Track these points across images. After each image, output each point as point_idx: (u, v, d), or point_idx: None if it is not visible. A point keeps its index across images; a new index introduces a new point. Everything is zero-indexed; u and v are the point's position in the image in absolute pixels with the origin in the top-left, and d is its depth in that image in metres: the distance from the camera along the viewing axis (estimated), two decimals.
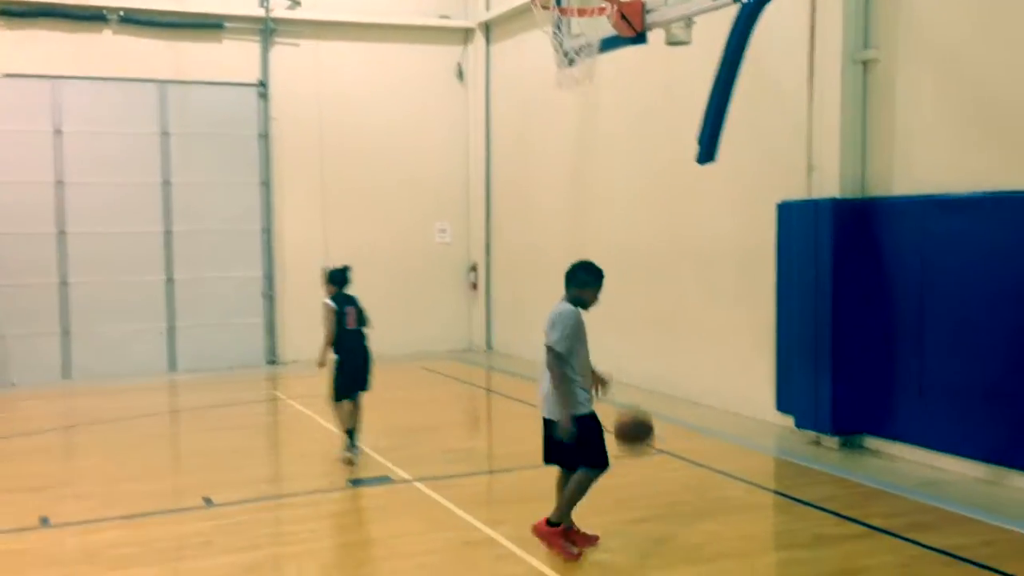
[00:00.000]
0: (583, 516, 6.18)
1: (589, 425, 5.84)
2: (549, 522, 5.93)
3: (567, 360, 5.79)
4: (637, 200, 12.25)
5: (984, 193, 7.58)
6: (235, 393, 12.37)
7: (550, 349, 5.77)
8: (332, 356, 8.59)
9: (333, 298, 8.63)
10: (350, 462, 8.29)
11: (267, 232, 15.14)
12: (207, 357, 14.55)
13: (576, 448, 5.80)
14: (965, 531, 6.35)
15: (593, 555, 5.92)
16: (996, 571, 5.59)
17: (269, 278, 15.18)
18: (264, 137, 15.08)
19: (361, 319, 8.81)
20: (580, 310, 5.93)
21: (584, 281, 5.97)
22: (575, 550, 5.86)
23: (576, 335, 5.83)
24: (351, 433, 8.53)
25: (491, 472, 8.54)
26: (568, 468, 6.00)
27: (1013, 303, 7.34)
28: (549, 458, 6.07)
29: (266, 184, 15.12)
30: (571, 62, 8.09)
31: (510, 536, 6.32)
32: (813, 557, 5.96)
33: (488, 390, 13.24)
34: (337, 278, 8.77)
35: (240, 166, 14.97)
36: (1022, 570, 5.58)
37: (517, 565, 5.81)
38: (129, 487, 7.68)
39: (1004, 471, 7.45)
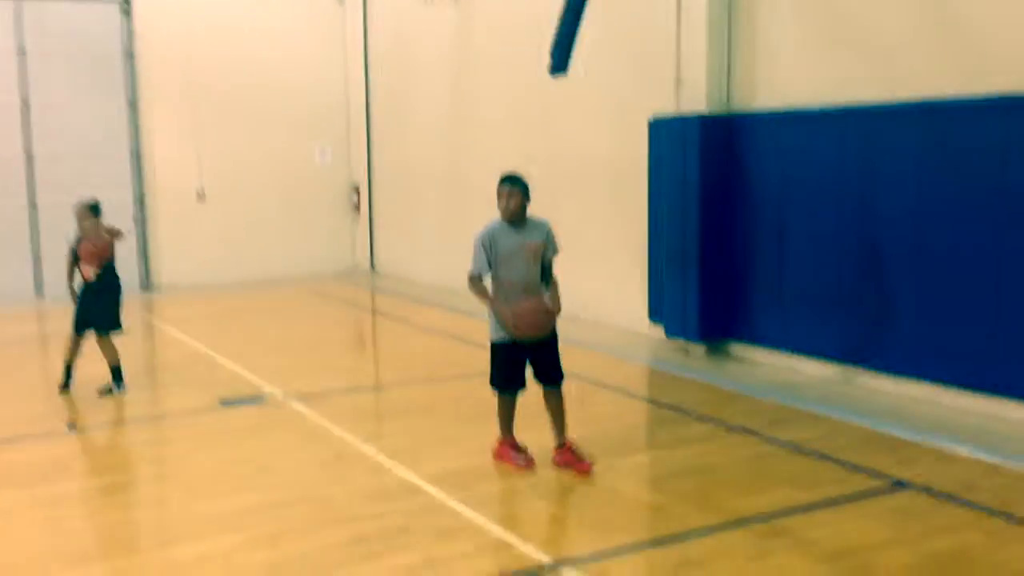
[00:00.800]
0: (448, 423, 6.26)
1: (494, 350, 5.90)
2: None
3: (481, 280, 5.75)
4: (513, 116, 12.23)
5: (836, 107, 7.84)
6: None
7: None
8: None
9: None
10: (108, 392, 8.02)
11: (136, 155, 14.58)
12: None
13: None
14: (813, 426, 6.72)
15: (458, 463, 6.03)
16: (836, 460, 5.95)
17: (140, 202, 14.66)
18: (129, 56, 14.40)
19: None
20: (506, 223, 5.78)
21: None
22: (520, 460, 5.93)
23: (484, 253, 5.72)
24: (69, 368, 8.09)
25: (368, 390, 8.57)
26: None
27: (860, 212, 7.68)
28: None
29: (133, 104, 14.49)
30: None
31: (384, 449, 6.38)
32: (670, 457, 6.22)
33: (371, 311, 13.21)
34: (98, 212, 8.07)
35: (105, 86, 14.28)
36: (860, 459, 5.94)
37: (388, 475, 5.88)
38: None
39: (854, 370, 7.88)
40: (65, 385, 8.09)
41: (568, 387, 6.05)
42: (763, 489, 5.48)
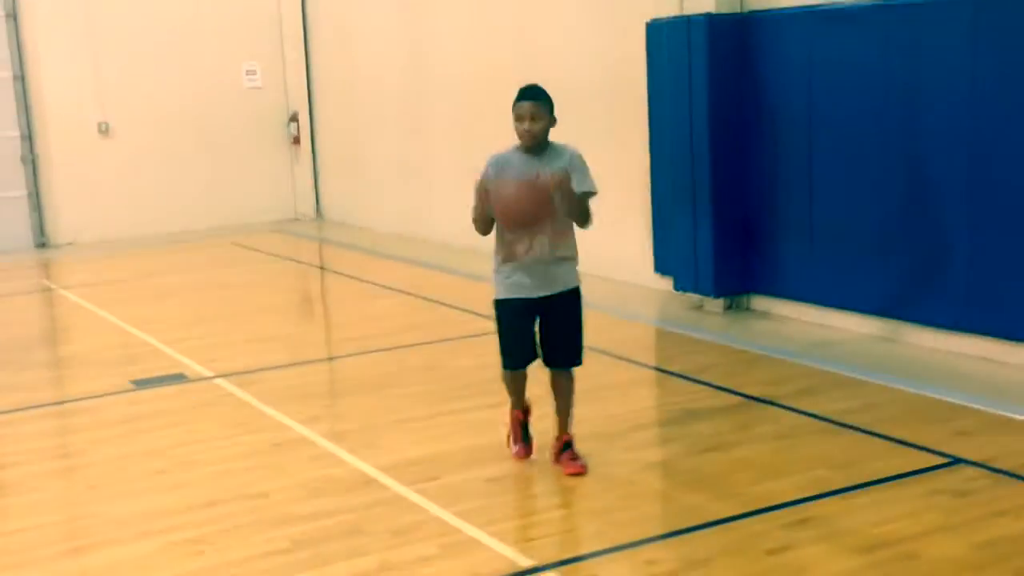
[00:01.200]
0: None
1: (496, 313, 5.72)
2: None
3: None
4: (481, 24, 12.21)
5: (873, 2, 7.82)
6: None
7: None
8: None
9: None
10: None
11: (20, 80, 14.53)
12: None
13: None
14: (850, 395, 6.78)
15: (419, 450, 6.09)
16: (875, 434, 6.03)
17: (29, 139, 14.66)
18: None
19: None
20: (522, 150, 5.52)
21: None
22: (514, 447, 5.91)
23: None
24: None
25: (312, 363, 8.61)
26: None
27: (905, 134, 7.70)
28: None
29: (12, 16, 14.42)
30: None
31: (327, 433, 6.45)
32: (680, 435, 6.28)
33: (318, 267, 13.23)
34: None
35: None
36: (902, 432, 6.01)
37: (336, 466, 5.93)
38: None
39: (900, 325, 7.96)
40: None
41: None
42: (790, 471, 5.55)
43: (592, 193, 5.50)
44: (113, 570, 4.79)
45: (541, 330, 5.65)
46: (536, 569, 4.60)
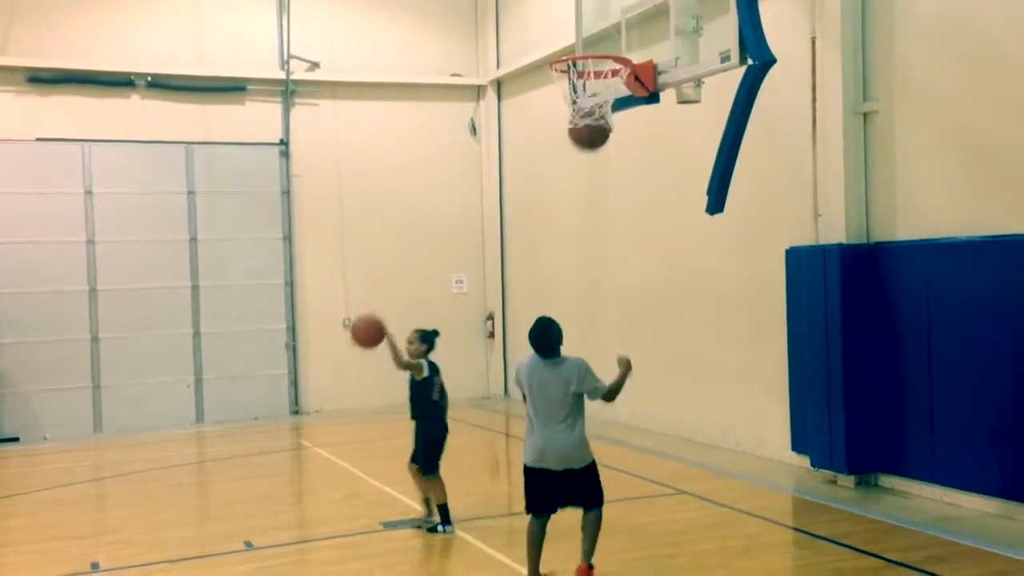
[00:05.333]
0: (607, 554, 6.39)
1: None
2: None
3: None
4: (645, 246, 12.58)
5: (984, 237, 7.89)
6: (262, 443, 12.63)
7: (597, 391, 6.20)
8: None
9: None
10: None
11: (290, 285, 15.52)
12: (233, 408, 14.83)
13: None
14: (979, 563, 6.56)
15: None
16: None
17: (292, 330, 15.52)
18: (286, 194, 15.53)
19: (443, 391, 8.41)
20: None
21: None
22: None
23: None
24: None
25: (516, 514, 8.73)
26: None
27: (1016, 342, 7.61)
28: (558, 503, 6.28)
29: (288, 239, 15.53)
30: (588, 114, 8.42)
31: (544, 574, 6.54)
32: None
33: (506, 435, 13.46)
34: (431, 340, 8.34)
35: (263, 222, 15.40)
36: None
37: None
38: (171, 533, 7.94)
39: (1017, 506, 7.65)
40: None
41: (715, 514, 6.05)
42: None
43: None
44: None
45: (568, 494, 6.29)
46: None
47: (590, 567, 6.11)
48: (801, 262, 9.45)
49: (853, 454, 8.92)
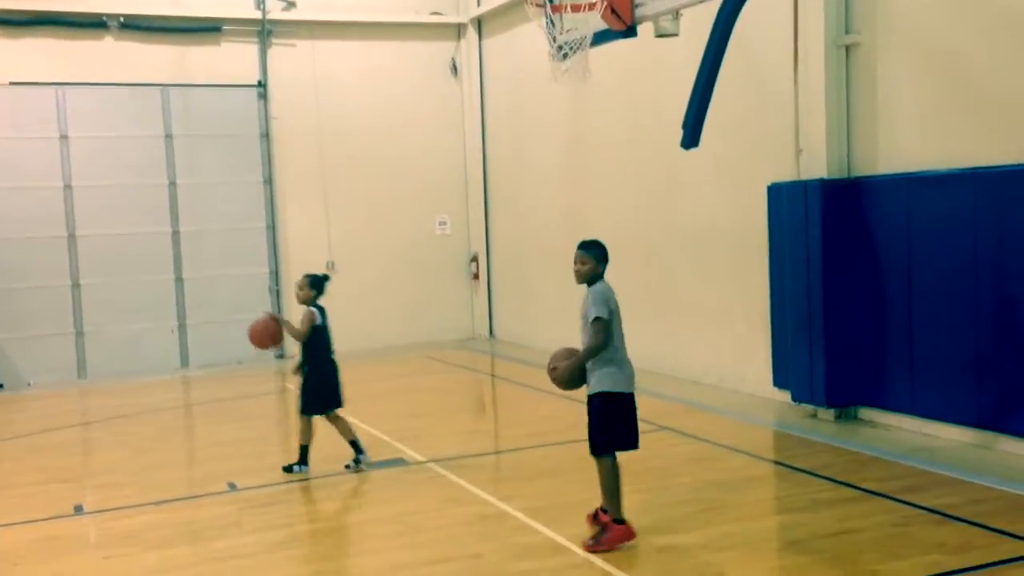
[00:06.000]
0: (590, 489, 6.43)
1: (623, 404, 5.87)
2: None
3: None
4: (630, 186, 12.51)
5: (964, 169, 7.86)
6: (247, 386, 12.65)
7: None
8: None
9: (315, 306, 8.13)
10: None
11: (271, 229, 15.41)
12: (217, 352, 14.81)
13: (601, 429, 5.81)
14: (955, 492, 6.63)
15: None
16: (984, 527, 5.88)
17: (275, 274, 15.45)
18: (265, 136, 15.32)
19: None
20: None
21: None
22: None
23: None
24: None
25: (500, 453, 8.82)
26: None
27: (994, 274, 7.63)
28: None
29: (269, 182, 15.37)
30: (564, 56, 8.33)
31: (524, 509, 6.60)
32: (810, 519, 6.24)
33: (492, 376, 13.52)
34: (320, 285, 8.20)
35: (243, 165, 15.21)
36: (1009, 525, 5.86)
37: (531, 535, 6.09)
38: (157, 475, 7.96)
39: (993, 435, 7.74)
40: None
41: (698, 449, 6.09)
42: (909, 553, 5.47)
43: (598, 318, 5.82)
44: None
45: None
46: None
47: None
48: (783, 198, 9.41)
49: (833, 388, 8.99)
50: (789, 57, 9.38)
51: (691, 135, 7.74)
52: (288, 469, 7.85)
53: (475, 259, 16.68)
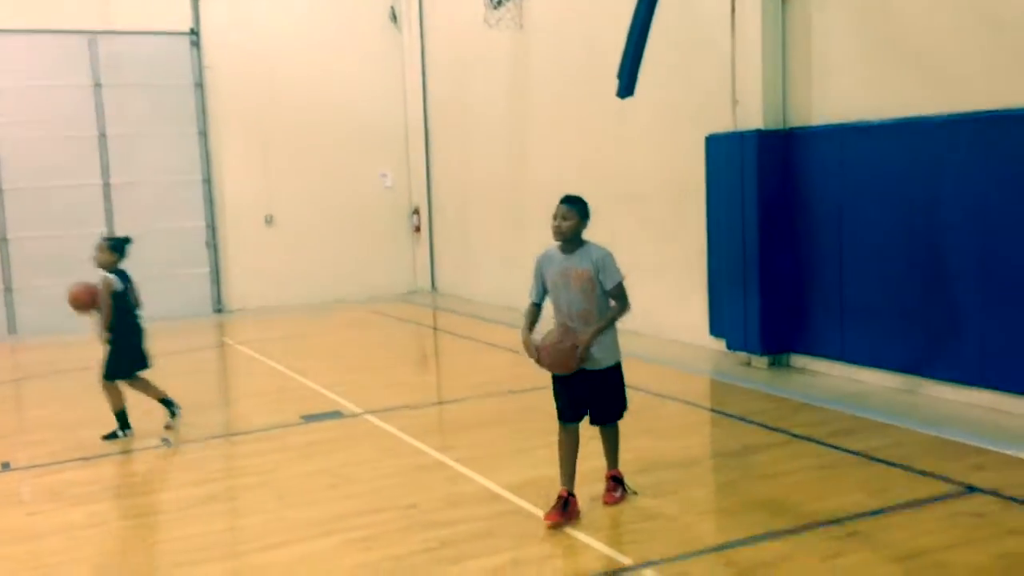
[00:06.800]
0: (523, 440, 6.46)
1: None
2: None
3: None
4: (570, 136, 12.47)
5: (897, 119, 7.95)
6: (184, 341, 12.46)
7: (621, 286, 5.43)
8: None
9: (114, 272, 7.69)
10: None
11: (207, 182, 15.09)
12: (154, 308, 14.27)
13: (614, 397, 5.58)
14: (880, 435, 6.80)
15: (534, 472, 6.20)
16: (903, 467, 6.05)
17: (212, 228, 15.16)
18: (199, 86, 14.93)
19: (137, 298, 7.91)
20: (558, 248, 5.52)
21: None
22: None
23: (535, 278, 5.57)
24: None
25: (439, 404, 8.82)
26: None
27: (924, 224, 7.77)
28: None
29: (203, 134, 15.02)
30: (498, 3, 8.22)
31: (460, 459, 6.61)
32: (741, 463, 6.36)
33: (434, 328, 13.50)
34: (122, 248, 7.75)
35: (176, 116, 14.83)
36: (925, 465, 6.03)
37: (467, 484, 6.11)
38: (85, 432, 7.81)
39: (918, 380, 7.94)
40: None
41: (635, 399, 6.11)
42: (834, 495, 5.60)
43: (621, 281, 5.48)
44: (304, 561, 5.02)
45: (588, 399, 5.51)
46: (636, 566, 4.72)
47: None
48: (719, 149, 9.45)
49: (766, 336, 9.13)
50: (726, 6, 9.35)
51: (626, 84, 7.71)
52: (111, 436, 7.57)
53: (416, 211, 16.54)
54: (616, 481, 5.74)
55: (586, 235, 5.49)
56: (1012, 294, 7.11)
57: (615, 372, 5.56)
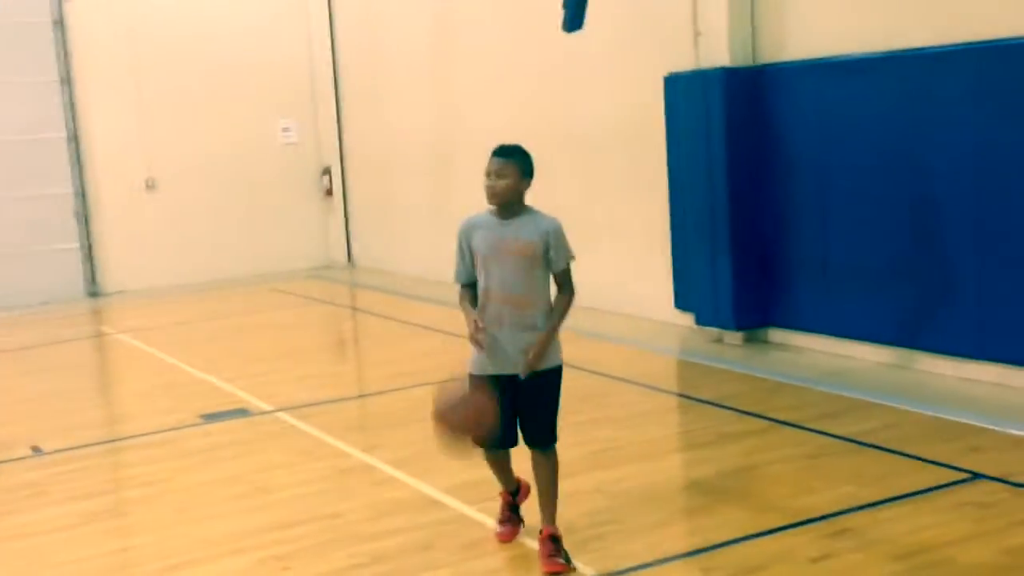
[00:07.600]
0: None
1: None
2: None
3: None
4: (505, 81, 12.44)
5: (882, 53, 8.06)
6: (55, 330, 12.25)
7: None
8: None
9: None
10: None
11: (74, 140, 14.77)
12: (17, 292, 14.19)
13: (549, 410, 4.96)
14: (869, 417, 6.95)
15: (475, 473, 6.15)
16: (898, 453, 6.21)
17: (82, 195, 14.86)
18: (59, 24, 14.57)
19: None
20: (492, 213, 5.05)
21: None
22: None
23: (459, 253, 5.12)
24: None
25: (361, 396, 8.80)
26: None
27: (913, 173, 7.91)
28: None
29: (67, 82, 14.68)
30: None
31: (388, 460, 6.61)
32: (716, 455, 6.46)
33: (352, 308, 13.44)
34: None
35: (32, 61, 14.48)
36: (922, 450, 6.19)
37: (399, 489, 6.11)
38: None
39: (911, 353, 8.12)
40: None
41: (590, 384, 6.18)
42: (822, 487, 5.72)
43: (571, 259, 5.22)
44: None
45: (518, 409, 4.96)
46: None
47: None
48: (680, 91, 9.50)
49: (740, 308, 9.25)
50: None
51: (573, 16, 7.69)
52: None
53: (327, 172, 16.39)
54: (555, 543, 4.86)
55: (528, 196, 5.15)
56: (1012, 252, 7.27)
57: (557, 376, 4.97)
